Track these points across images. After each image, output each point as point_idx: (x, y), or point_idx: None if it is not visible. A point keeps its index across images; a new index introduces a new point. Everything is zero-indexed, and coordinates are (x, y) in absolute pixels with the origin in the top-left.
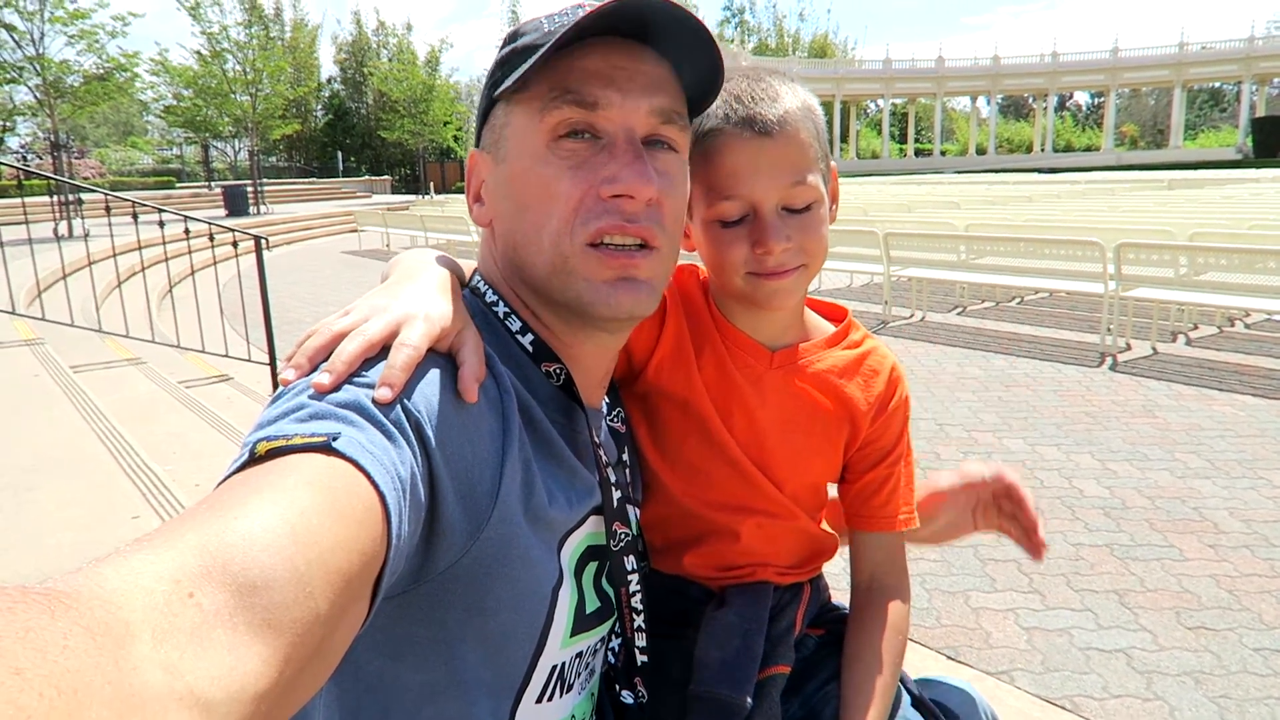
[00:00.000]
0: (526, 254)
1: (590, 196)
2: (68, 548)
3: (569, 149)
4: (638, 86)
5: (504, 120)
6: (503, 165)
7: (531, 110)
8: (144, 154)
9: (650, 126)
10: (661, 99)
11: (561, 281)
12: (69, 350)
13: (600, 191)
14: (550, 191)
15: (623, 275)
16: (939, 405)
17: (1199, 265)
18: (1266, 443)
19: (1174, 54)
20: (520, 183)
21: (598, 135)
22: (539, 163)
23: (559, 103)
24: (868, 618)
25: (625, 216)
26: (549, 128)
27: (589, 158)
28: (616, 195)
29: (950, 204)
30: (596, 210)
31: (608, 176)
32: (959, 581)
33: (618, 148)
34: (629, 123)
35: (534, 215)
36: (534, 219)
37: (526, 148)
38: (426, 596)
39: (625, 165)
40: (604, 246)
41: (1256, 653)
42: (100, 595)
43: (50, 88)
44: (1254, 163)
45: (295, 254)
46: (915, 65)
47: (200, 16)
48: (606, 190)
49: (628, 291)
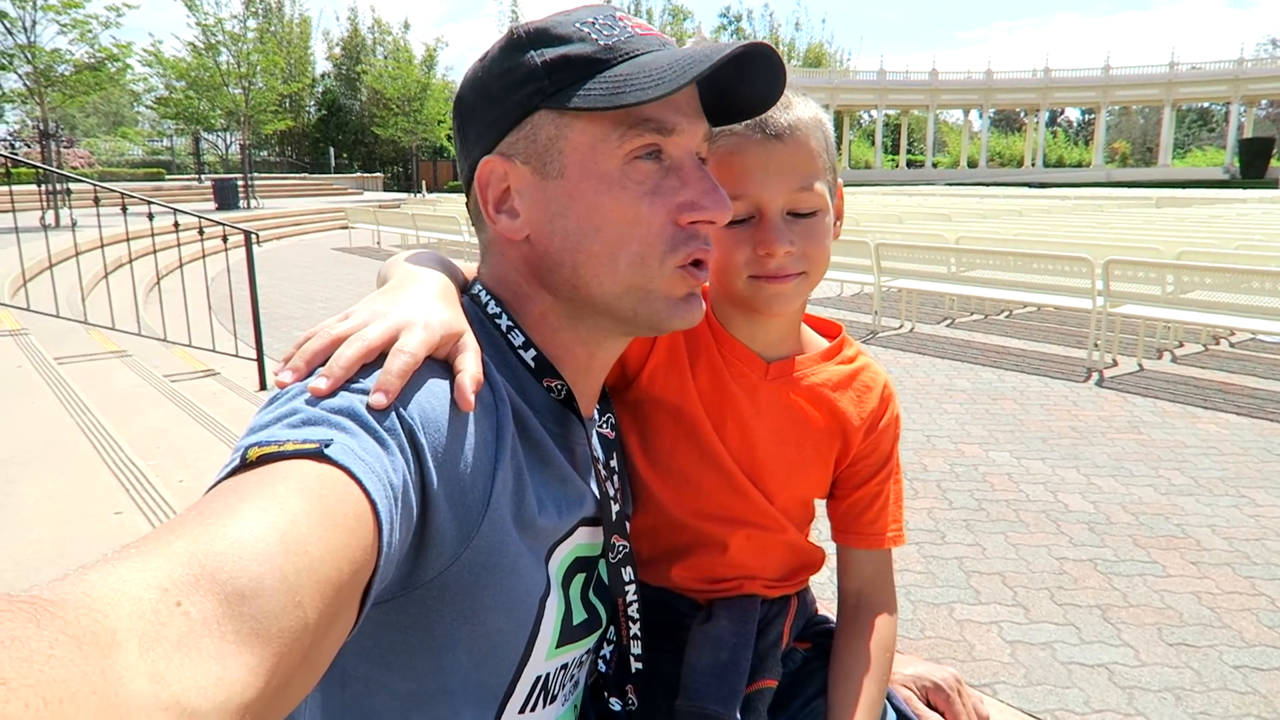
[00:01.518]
0: (591, 272)
1: (670, 224)
2: (49, 542)
3: (645, 171)
4: (693, 110)
5: (555, 133)
6: (557, 181)
7: (602, 131)
8: (134, 145)
9: (701, 149)
10: (706, 123)
11: (635, 299)
12: (53, 341)
13: (680, 218)
14: (630, 216)
15: (694, 290)
16: (926, 417)
17: (1185, 283)
18: (1249, 461)
19: (1165, 73)
20: (589, 203)
21: (662, 158)
22: (614, 185)
23: (641, 130)
24: (855, 634)
25: (704, 241)
26: (626, 151)
27: (660, 181)
28: (695, 221)
29: (941, 216)
30: (681, 237)
31: (688, 203)
32: (943, 594)
33: (688, 172)
34: (691, 146)
35: (609, 237)
36: (610, 241)
37: (596, 168)
38: (415, 603)
39: (705, 193)
40: (687, 268)
41: (1236, 670)
42: (87, 603)
43: (40, 76)
44: (1241, 183)
45: (285, 249)
46: (909, 77)
47: (195, 7)
48: (689, 217)
49: (695, 304)
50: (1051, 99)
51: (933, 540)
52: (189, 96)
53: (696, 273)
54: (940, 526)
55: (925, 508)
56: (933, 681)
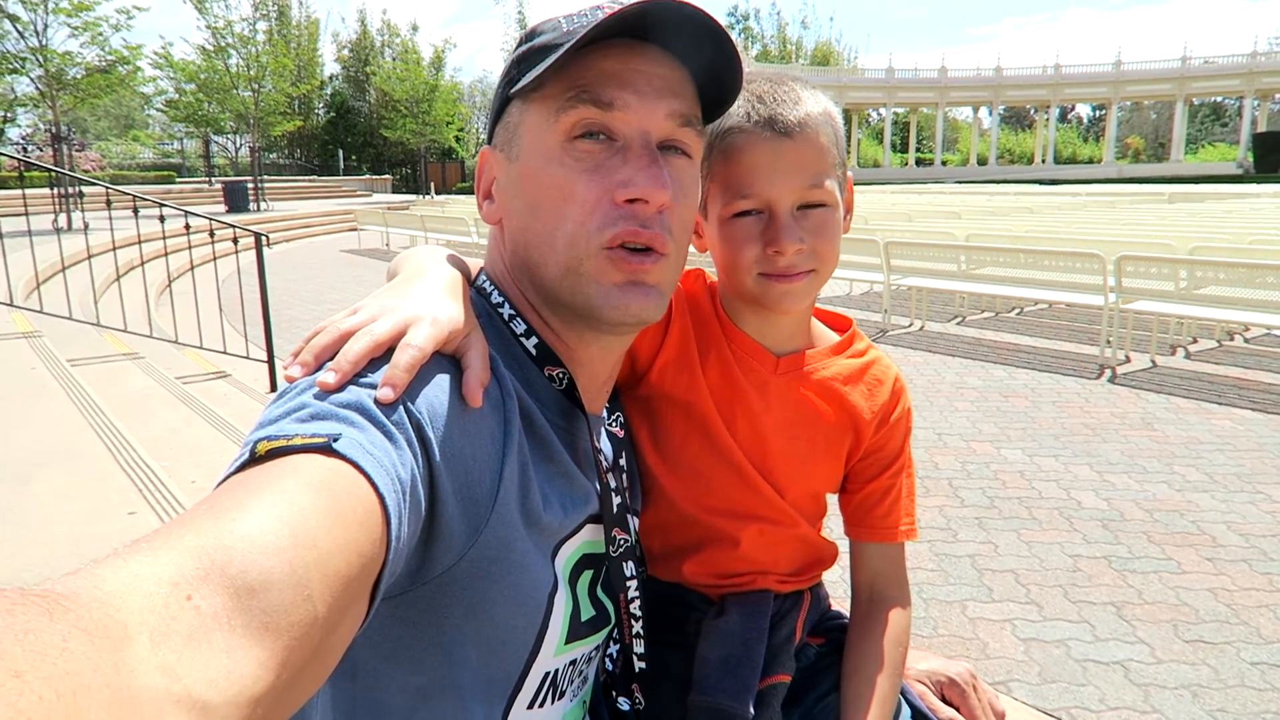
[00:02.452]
0: (538, 254)
1: (606, 200)
2: (63, 542)
3: (584, 150)
4: (654, 89)
5: (518, 119)
6: (515, 164)
7: (547, 110)
8: (145, 148)
9: (666, 130)
10: (678, 103)
11: (572, 284)
12: (66, 343)
13: (615, 196)
14: (565, 193)
15: (632, 279)
16: (938, 415)
17: (1199, 279)
18: (1265, 457)
19: (1177, 68)
20: (533, 182)
21: (613, 137)
22: (553, 163)
23: (575, 103)
24: (868, 629)
25: (639, 222)
26: (565, 128)
27: (604, 160)
28: (631, 200)
29: (951, 214)
30: (613, 215)
31: (623, 180)
32: (956, 591)
33: (633, 151)
34: (645, 126)
35: (547, 216)
36: (547, 220)
37: (541, 147)
38: (424, 598)
39: (640, 170)
40: (618, 250)
41: (1254, 666)
42: (99, 597)
43: (52, 79)
44: (1255, 178)
45: (295, 251)
46: (918, 75)
47: (205, 10)
48: (621, 194)
49: (636, 296)
50: (1062, 95)
51: (945, 538)
52: (199, 99)
53: (633, 258)
54: (952, 524)
55: (937, 505)
56: (948, 677)
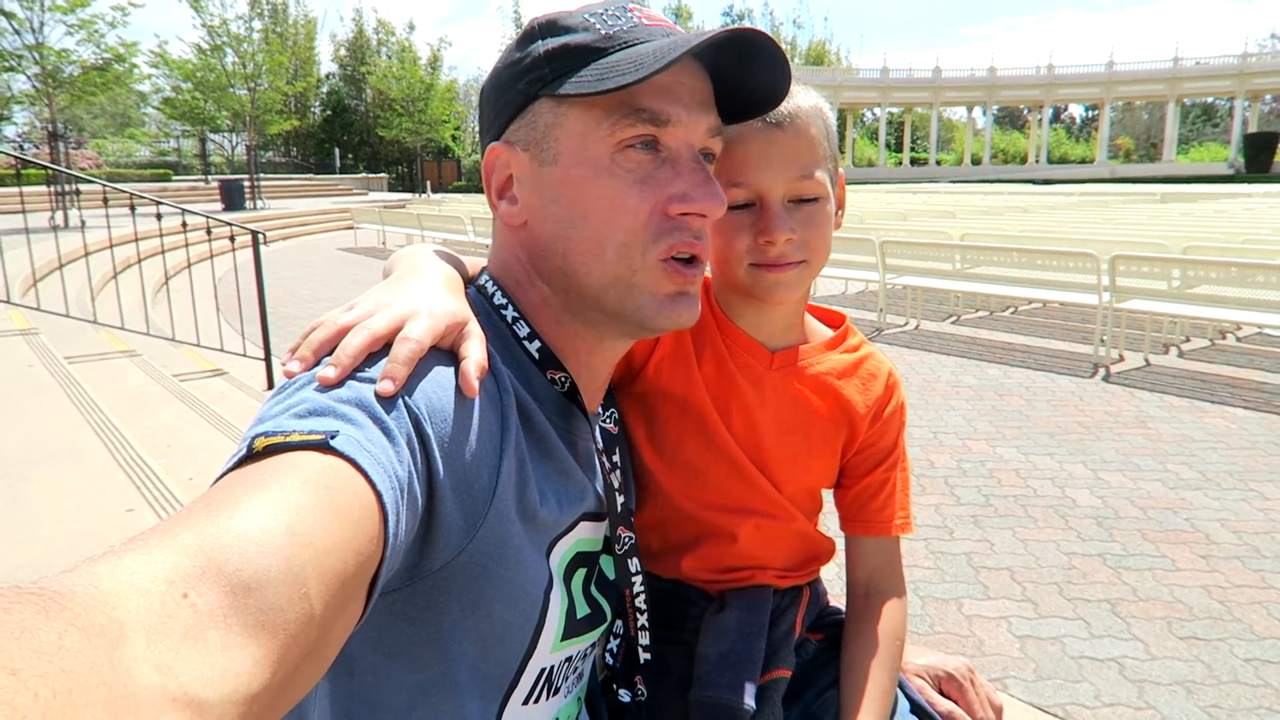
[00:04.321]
0: (580, 262)
1: (659, 213)
2: (61, 539)
3: (636, 160)
4: (697, 103)
5: (552, 120)
6: (551, 168)
7: (595, 118)
8: (141, 146)
9: (704, 142)
10: (714, 117)
11: (621, 293)
12: (63, 341)
13: (669, 209)
14: (616, 203)
15: (681, 290)
16: (933, 413)
17: (1192, 278)
18: (1258, 455)
19: (1168, 69)
20: (578, 190)
21: (659, 148)
22: (602, 173)
23: (635, 120)
24: (865, 623)
25: (692, 234)
26: (618, 139)
27: (653, 171)
28: (686, 213)
29: (946, 213)
30: (667, 227)
31: (678, 194)
32: (952, 589)
33: (682, 164)
34: (691, 139)
35: (596, 225)
36: (596, 229)
37: (587, 155)
38: (422, 594)
39: (697, 185)
40: (670, 261)
41: (1247, 663)
42: (95, 595)
43: (48, 77)
44: (1246, 178)
45: (291, 250)
46: (912, 75)
47: (201, 8)
48: (678, 208)
49: (685, 305)
50: (1055, 95)
51: (941, 536)
52: (195, 97)
53: (684, 269)
54: (948, 522)
55: (933, 504)
56: (946, 671)
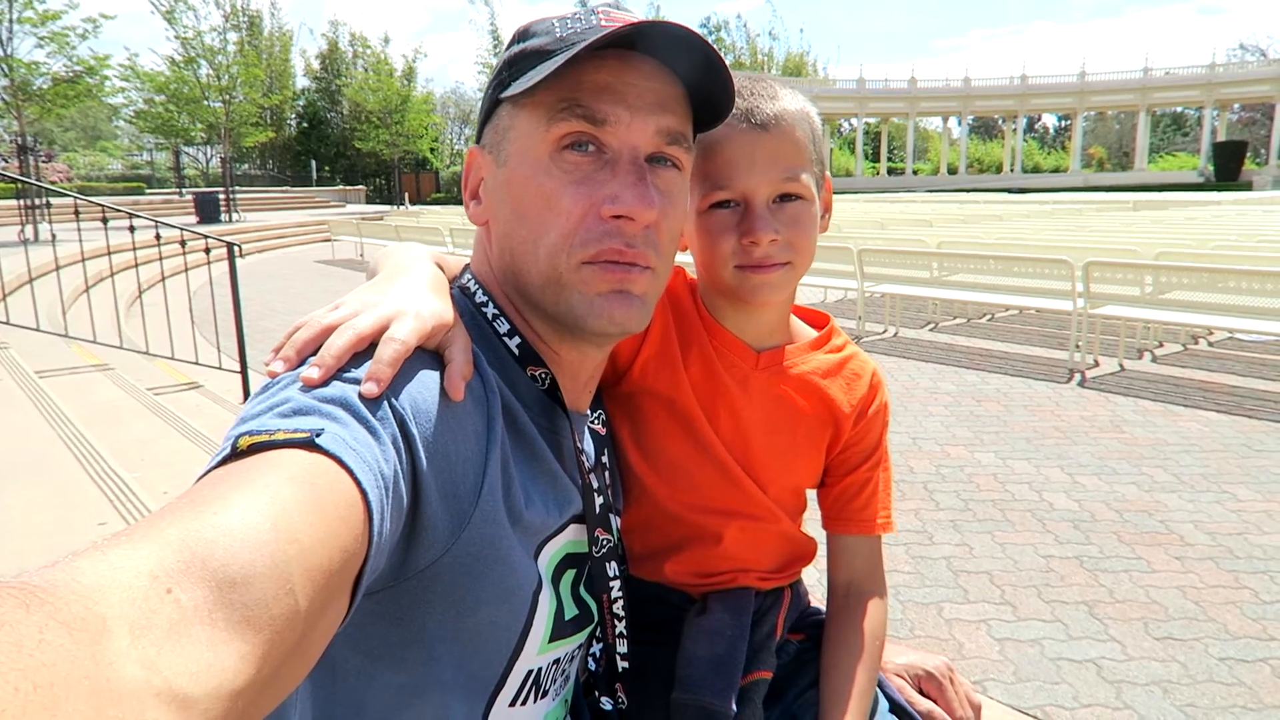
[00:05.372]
0: (522, 261)
1: (591, 215)
2: (33, 554)
3: (573, 161)
4: (646, 104)
5: (508, 123)
6: (503, 168)
7: (537, 117)
8: (113, 159)
9: (655, 146)
10: (669, 119)
11: (554, 293)
12: (34, 355)
13: (601, 211)
14: (550, 204)
15: (617, 288)
16: (912, 419)
17: (1164, 284)
18: (1230, 457)
19: (1139, 79)
20: (520, 189)
21: (603, 150)
22: (541, 172)
23: (567, 115)
24: (845, 622)
25: (625, 239)
26: (554, 138)
27: (592, 173)
28: (617, 216)
29: (923, 222)
30: (597, 231)
31: (609, 195)
32: (932, 593)
33: (620, 166)
34: (634, 141)
35: (532, 225)
36: (532, 228)
37: (529, 155)
38: (406, 594)
39: (628, 186)
40: (601, 263)
41: (1222, 662)
42: (77, 589)
43: (18, 89)
44: (1215, 185)
45: (268, 262)
46: (889, 85)
47: (175, 21)
48: (608, 210)
49: (621, 305)
50: (1029, 105)
51: (920, 541)
52: (168, 110)
53: (616, 269)
54: (928, 527)
55: (913, 509)
56: (925, 670)
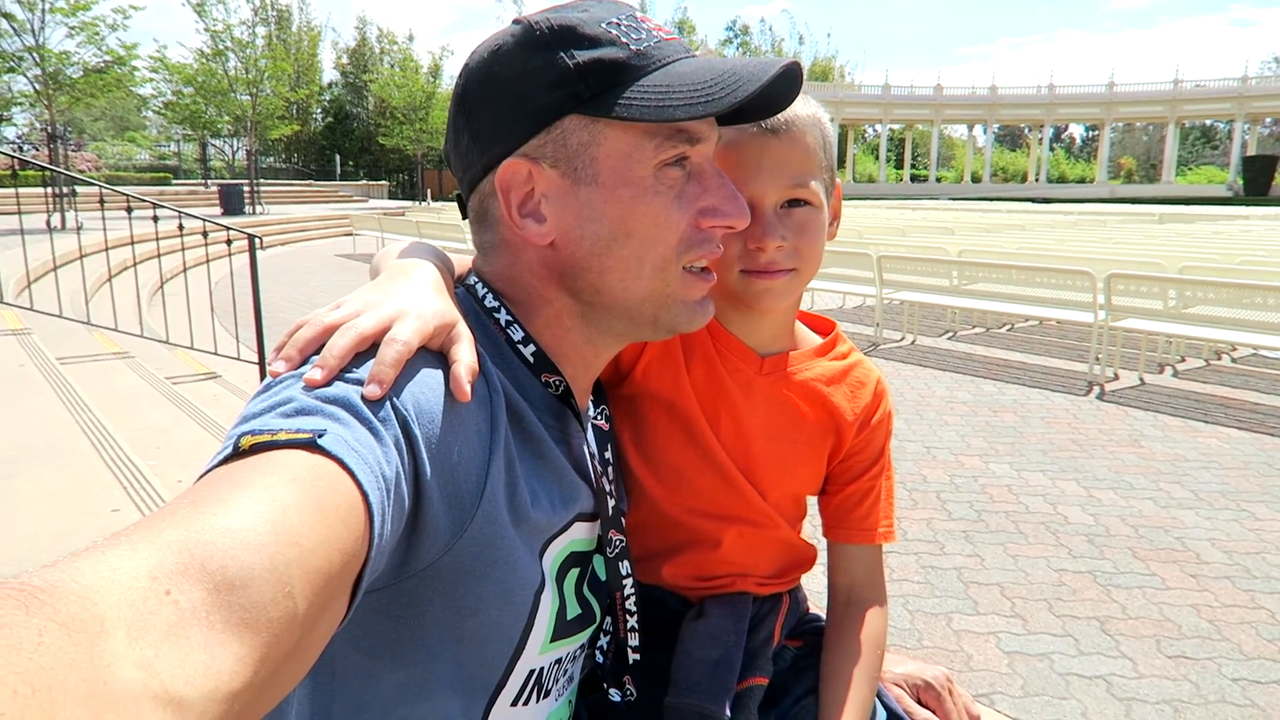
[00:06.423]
0: (616, 278)
1: (691, 226)
2: (45, 538)
3: (673, 178)
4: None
5: (588, 138)
6: (591, 187)
7: (637, 139)
8: (141, 149)
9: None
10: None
11: (657, 304)
12: (56, 341)
13: (700, 221)
14: (661, 221)
15: (706, 295)
16: (927, 428)
17: (1188, 298)
18: (1250, 475)
19: (1169, 90)
20: (626, 209)
21: (685, 164)
22: (647, 192)
23: (676, 141)
24: (845, 631)
25: (716, 244)
26: (661, 159)
27: (684, 187)
28: (714, 226)
29: (944, 229)
30: (697, 239)
31: (709, 208)
32: (941, 603)
33: (708, 178)
34: (709, 152)
35: (638, 243)
36: (638, 246)
37: (631, 175)
38: (407, 593)
39: (727, 199)
40: (696, 271)
41: (1235, 683)
42: (76, 591)
43: (49, 79)
44: (1244, 200)
45: (289, 255)
46: (914, 92)
47: (205, 13)
48: (710, 221)
49: (709, 309)
50: (1056, 115)
51: (931, 551)
52: (196, 102)
53: (705, 277)
54: (939, 537)
55: (924, 518)
56: (924, 680)
